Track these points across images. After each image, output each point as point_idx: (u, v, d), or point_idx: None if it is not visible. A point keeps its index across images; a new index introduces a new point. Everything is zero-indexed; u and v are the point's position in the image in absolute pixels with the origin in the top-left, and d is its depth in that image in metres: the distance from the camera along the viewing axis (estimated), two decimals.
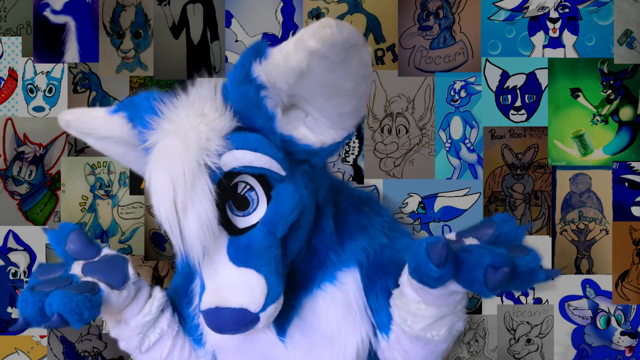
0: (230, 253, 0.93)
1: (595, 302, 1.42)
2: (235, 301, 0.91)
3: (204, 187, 0.90)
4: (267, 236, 0.93)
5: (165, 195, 0.89)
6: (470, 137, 1.42)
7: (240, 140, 0.92)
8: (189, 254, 0.92)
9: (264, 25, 1.41)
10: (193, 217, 0.89)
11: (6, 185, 1.43)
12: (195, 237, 0.90)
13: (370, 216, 1.06)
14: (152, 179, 0.91)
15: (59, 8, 1.43)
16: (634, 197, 1.42)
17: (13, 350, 1.43)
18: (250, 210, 0.93)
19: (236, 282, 0.93)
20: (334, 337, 1.03)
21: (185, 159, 0.89)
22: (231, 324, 0.92)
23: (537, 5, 1.42)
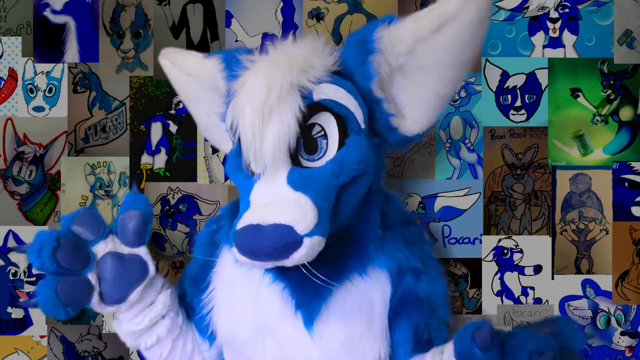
0: (290, 178, 0.94)
1: (595, 302, 1.42)
2: (283, 217, 0.90)
3: (294, 103, 0.93)
4: (330, 176, 0.95)
5: (257, 94, 0.92)
6: (470, 137, 1.42)
7: (337, 80, 0.98)
8: (258, 161, 0.93)
9: (264, 25, 1.41)
10: (276, 126, 0.92)
11: (6, 185, 1.43)
12: (272, 145, 0.92)
13: (415, 237, 1.09)
14: (248, 79, 0.95)
15: (59, 8, 1.43)
16: (634, 197, 1.42)
17: (13, 350, 1.43)
18: (315, 157, 0.96)
19: (290, 199, 0.92)
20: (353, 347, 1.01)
21: (286, 72, 0.94)
22: (270, 241, 0.88)
23: (537, 5, 1.42)
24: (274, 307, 1.01)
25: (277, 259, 0.90)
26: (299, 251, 0.89)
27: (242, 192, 0.99)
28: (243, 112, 0.93)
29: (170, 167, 1.43)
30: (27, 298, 1.43)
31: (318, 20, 1.42)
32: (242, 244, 0.90)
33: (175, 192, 1.43)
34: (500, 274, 1.42)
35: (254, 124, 0.92)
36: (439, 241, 1.42)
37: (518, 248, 1.42)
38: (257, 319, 1.03)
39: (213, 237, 1.13)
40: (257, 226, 0.89)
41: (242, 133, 0.94)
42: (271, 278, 1.01)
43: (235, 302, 1.06)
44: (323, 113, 0.95)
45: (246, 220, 0.91)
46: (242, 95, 0.95)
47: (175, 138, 1.43)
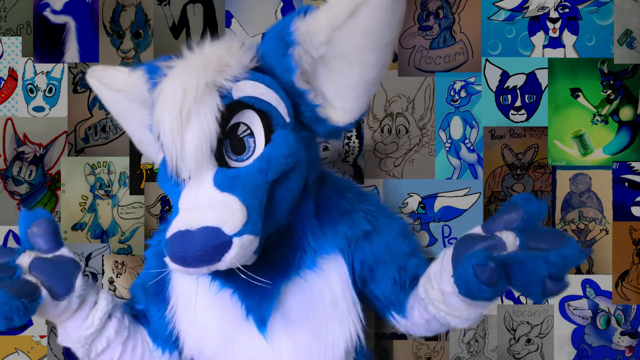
0: (216, 179, 0.92)
1: (595, 302, 1.42)
2: (210, 219, 0.87)
3: (212, 104, 0.91)
4: (258, 173, 0.93)
5: (173, 99, 0.90)
6: (470, 137, 1.42)
7: (256, 76, 0.96)
8: (181, 166, 0.91)
9: (264, 25, 1.41)
10: (195, 128, 0.90)
11: (6, 185, 1.43)
12: (193, 149, 0.90)
13: (353, 202, 1.06)
14: (164, 86, 0.93)
15: (59, 8, 1.43)
16: (634, 197, 1.42)
17: (13, 350, 1.43)
18: (244, 156, 0.94)
19: (216, 201, 0.90)
20: (321, 334, 1.00)
21: (201, 73, 0.92)
22: (198, 245, 0.86)
23: (537, 5, 1.42)
24: (229, 314, 1.00)
25: (208, 263, 0.87)
26: (229, 252, 0.87)
27: (172, 201, 0.97)
28: (162, 119, 0.91)
29: None
30: None
31: None
32: (172, 252, 0.88)
33: None
34: None
35: (172, 129, 0.89)
36: (439, 241, 1.42)
37: None
38: (220, 330, 1.01)
39: None
40: (186, 232, 0.87)
41: (163, 140, 0.92)
42: (218, 285, 0.99)
43: (197, 313, 1.03)
44: (245, 111, 0.94)
45: (174, 227, 0.88)
46: (160, 102, 0.92)
47: None
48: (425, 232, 1.41)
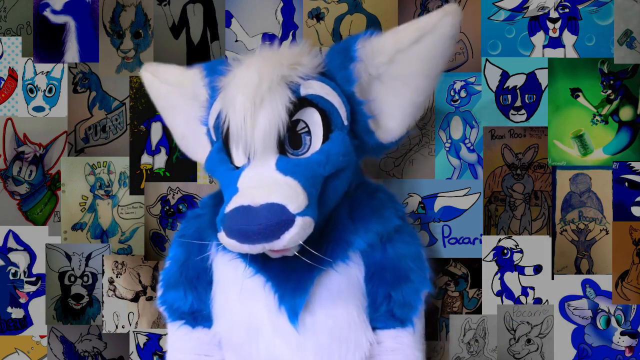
0: (279, 164, 0.97)
1: (595, 302, 1.42)
2: (275, 195, 0.91)
3: (283, 95, 0.98)
4: (317, 165, 0.98)
5: (249, 83, 0.96)
6: (470, 137, 1.42)
7: (322, 78, 1.04)
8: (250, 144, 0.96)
9: (264, 25, 1.41)
10: (268, 113, 0.96)
11: (6, 185, 1.43)
12: (262, 131, 0.95)
13: (384, 201, 1.12)
14: (239, 72, 0.99)
15: (59, 8, 1.43)
16: (634, 197, 1.42)
17: (13, 350, 1.43)
18: (299, 152, 1.00)
19: (280, 181, 0.94)
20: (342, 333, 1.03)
21: (276, 66, 0.99)
22: (263, 219, 0.89)
23: (537, 5, 1.42)
24: (260, 303, 1.02)
25: (268, 239, 0.89)
26: (290, 231, 0.90)
27: (227, 183, 1.00)
28: (234, 100, 0.96)
29: (170, 167, 1.43)
30: (27, 298, 1.43)
31: (318, 20, 1.42)
32: (231, 226, 0.90)
33: (175, 192, 1.43)
34: (500, 274, 1.42)
35: (245, 110, 0.95)
36: (439, 241, 1.42)
37: (518, 248, 1.42)
38: (248, 319, 1.03)
39: (202, 233, 1.13)
40: (248, 207, 0.89)
41: (232, 120, 0.97)
42: (252, 271, 1.02)
43: (229, 302, 1.07)
44: (308, 108, 0.99)
45: (236, 202, 0.91)
46: (234, 86, 0.98)
47: None
48: (425, 232, 1.42)
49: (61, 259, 1.43)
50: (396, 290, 1.08)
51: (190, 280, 1.13)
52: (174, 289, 1.14)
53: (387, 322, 1.09)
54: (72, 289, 1.43)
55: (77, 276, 1.43)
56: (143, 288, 1.42)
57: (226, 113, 0.99)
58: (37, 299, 1.43)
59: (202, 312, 1.13)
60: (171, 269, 1.16)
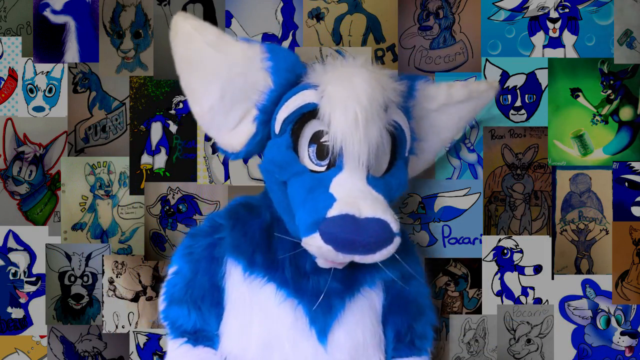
0: (369, 179, 0.98)
1: (595, 302, 1.42)
2: (382, 212, 0.93)
3: (384, 116, 1.01)
4: (392, 189, 1.02)
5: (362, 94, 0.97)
6: (470, 137, 1.42)
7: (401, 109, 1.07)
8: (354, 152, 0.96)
9: (264, 25, 1.41)
10: (377, 125, 0.98)
11: (6, 185, 1.43)
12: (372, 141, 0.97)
13: (408, 243, 1.17)
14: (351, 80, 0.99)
15: (59, 8, 1.43)
16: (634, 197, 1.42)
17: (13, 350, 1.43)
18: None
19: (379, 200, 0.96)
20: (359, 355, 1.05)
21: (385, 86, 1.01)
22: (374, 232, 0.90)
23: (537, 5, 1.42)
24: (284, 323, 1.03)
25: (370, 252, 0.91)
26: (388, 248, 0.92)
27: (309, 185, 0.98)
28: (346, 105, 0.95)
29: (170, 167, 1.43)
30: (27, 298, 1.43)
31: (318, 20, 1.42)
32: (337, 233, 0.90)
33: (175, 192, 1.43)
34: (500, 274, 1.42)
35: (357, 120, 0.95)
36: (439, 241, 1.42)
37: (518, 248, 1.42)
38: (266, 338, 1.03)
39: (213, 252, 1.11)
40: (354, 217, 0.90)
41: (340, 124, 0.96)
42: (284, 295, 1.03)
43: (246, 322, 1.06)
44: (385, 130, 1.02)
45: (340, 209, 0.90)
46: (343, 90, 0.97)
47: (175, 138, 1.43)
48: (425, 232, 1.42)
49: (61, 259, 1.43)
50: (417, 322, 1.14)
51: (194, 300, 1.11)
52: (178, 305, 1.13)
53: (409, 351, 1.15)
54: (72, 289, 1.43)
55: (77, 276, 1.43)
56: (143, 288, 1.42)
57: (329, 114, 0.97)
58: (37, 299, 1.43)
59: (204, 332, 1.11)
60: (176, 284, 1.14)
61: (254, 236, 1.07)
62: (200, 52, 1.07)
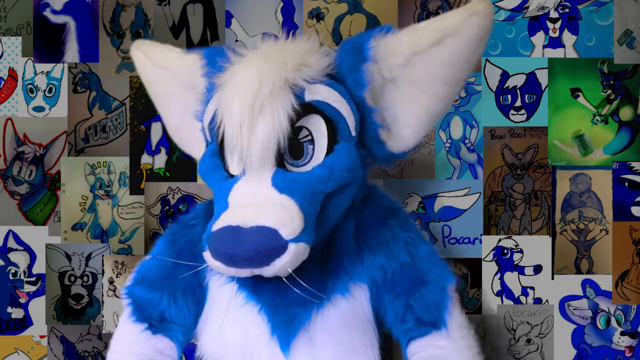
0: (275, 179, 0.87)
1: (595, 302, 1.42)
2: (268, 219, 0.82)
3: (286, 101, 0.87)
4: (318, 181, 0.89)
5: (248, 87, 0.86)
6: (470, 137, 1.42)
7: (331, 82, 0.93)
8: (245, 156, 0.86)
9: (264, 25, 1.41)
10: (267, 120, 0.85)
11: (6, 185, 1.43)
12: (260, 143, 0.85)
13: (394, 230, 1.01)
14: (238, 71, 0.89)
15: (59, 8, 1.43)
16: (634, 197, 1.42)
17: (13, 350, 1.43)
18: (300, 162, 0.90)
19: (275, 202, 0.85)
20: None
21: (280, 67, 0.88)
22: (251, 244, 0.81)
23: (537, 5, 1.42)
24: (253, 328, 0.95)
25: (256, 266, 0.82)
26: (282, 258, 0.82)
27: (218, 194, 0.92)
28: (230, 104, 0.86)
29: (170, 167, 1.43)
30: (27, 298, 1.43)
31: (318, 20, 1.42)
32: (217, 248, 0.83)
33: (175, 192, 1.43)
34: (500, 274, 1.42)
35: (242, 117, 0.85)
36: (439, 241, 1.42)
37: (518, 248, 1.42)
38: (241, 343, 0.97)
39: (195, 246, 1.02)
40: (237, 228, 0.82)
41: (227, 127, 0.88)
42: (245, 297, 0.95)
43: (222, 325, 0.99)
44: (313, 115, 0.90)
45: (224, 221, 0.83)
46: (231, 88, 0.88)
47: None
48: (425, 232, 1.41)
49: (61, 259, 1.43)
50: (413, 297, 0.99)
51: (172, 291, 1.03)
52: (148, 289, 1.04)
53: (420, 330, 0.99)
54: (72, 289, 1.43)
55: (77, 276, 1.43)
56: None
57: (221, 117, 0.89)
58: (37, 299, 1.43)
59: (170, 324, 1.04)
60: (152, 267, 1.06)
61: None
62: (153, 75, 1.08)
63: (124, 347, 1.04)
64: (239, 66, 0.90)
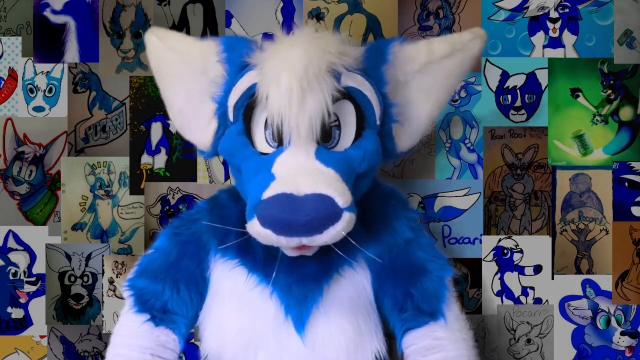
0: (318, 154, 0.91)
1: (595, 302, 1.42)
2: (323, 186, 0.85)
3: (330, 82, 0.92)
4: (354, 161, 0.94)
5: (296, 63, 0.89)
6: (470, 137, 1.42)
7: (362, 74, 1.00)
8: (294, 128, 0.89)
9: (264, 25, 1.41)
10: (316, 96, 0.90)
11: (6, 185, 1.43)
12: (309, 115, 0.89)
13: (396, 208, 1.08)
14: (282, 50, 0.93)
15: (59, 8, 1.43)
16: (634, 197, 1.42)
17: (13, 350, 1.43)
18: (327, 145, 0.95)
19: (324, 174, 0.88)
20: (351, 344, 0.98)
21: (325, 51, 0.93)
22: (311, 211, 0.83)
23: (537, 5, 1.42)
24: (265, 314, 0.97)
25: (312, 233, 0.84)
26: (336, 225, 0.85)
27: (256, 168, 0.94)
28: (278, 78, 0.89)
29: (170, 167, 1.43)
30: (27, 298, 1.43)
31: (318, 20, 1.42)
32: (272, 214, 0.84)
33: (175, 192, 1.43)
34: (500, 274, 1.42)
35: (291, 90, 0.88)
36: (439, 241, 1.42)
37: (518, 248, 1.42)
38: (246, 333, 0.98)
39: (201, 238, 1.06)
40: (291, 195, 0.83)
41: (274, 99, 0.90)
42: (256, 280, 0.98)
43: (223, 317, 1.01)
44: (345, 101, 0.95)
45: (276, 189, 0.84)
46: (277, 64, 0.91)
47: (175, 138, 1.43)
48: (425, 232, 1.41)
49: (61, 259, 1.43)
50: (414, 285, 1.02)
51: (175, 281, 1.04)
52: (151, 280, 1.05)
53: (417, 320, 1.02)
54: (72, 289, 1.43)
55: (77, 276, 1.43)
56: None
57: (266, 91, 0.91)
58: (37, 299, 1.43)
59: (173, 315, 1.05)
60: (155, 259, 1.07)
61: (229, 219, 1.02)
62: (164, 58, 1.09)
63: (126, 341, 1.05)
64: (281, 47, 0.95)
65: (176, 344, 1.05)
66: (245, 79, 0.99)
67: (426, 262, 1.04)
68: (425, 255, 1.04)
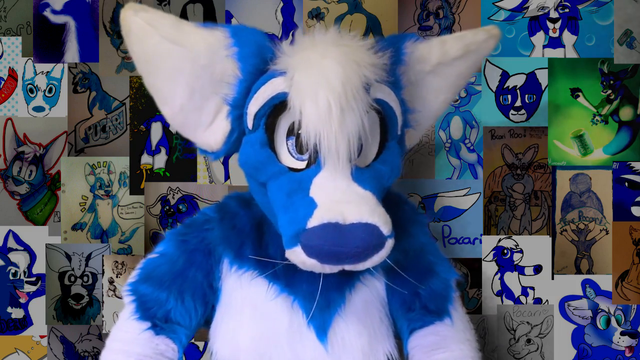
0: (355, 175, 0.88)
1: (595, 302, 1.42)
2: (369, 215, 0.82)
3: (365, 97, 0.89)
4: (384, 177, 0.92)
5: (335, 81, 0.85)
6: (470, 137, 1.42)
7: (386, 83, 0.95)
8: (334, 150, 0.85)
9: (264, 25, 1.41)
10: (356, 114, 0.86)
11: (6, 185, 1.43)
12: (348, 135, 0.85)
13: (409, 213, 1.06)
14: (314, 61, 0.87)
15: (59, 8, 1.43)
16: (634, 197, 1.42)
17: (13, 350, 1.43)
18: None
19: (365, 199, 0.85)
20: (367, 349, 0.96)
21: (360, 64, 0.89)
22: (360, 241, 0.81)
23: (537, 5, 1.42)
24: (281, 323, 0.96)
25: (358, 261, 0.83)
26: (380, 253, 0.84)
27: (289, 189, 0.89)
28: (316, 95, 0.84)
29: (170, 167, 1.43)
30: (27, 298, 1.43)
31: (318, 20, 1.42)
32: (320, 245, 0.82)
33: (175, 192, 1.43)
34: (500, 274, 1.42)
35: (330, 110, 0.84)
36: (439, 241, 1.42)
37: (518, 248, 1.42)
38: (261, 341, 0.96)
39: (209, 246, 1.02)
40: (337, 225, 0.81)
41: (312, 118, 0.85)
42: (277, 290, 0.95)
43: (237, 327, 0.99)
44: (370, 112, 0.91)
45: (322, 218, 0.82)
46: (313, 77, 0.86)
47: (175, 138, 1.43)
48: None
49: (61, 259, 1.43)
50: (423, 285, 1.01)
51: (181, 291, 1.01)
52: (155, 287, 1.02)
53: (424, 319, 1.02)
54: (72, 289, 1.43)
55: (77, 276, 1.43)
56: None
57: (299, 106, 0.86)
58: (37, 299, 1.43)
59: (175, 325, 1.02)
60: (160, 265, 1.04)
61: (243, 229, 0.99)
62: (158, 48, 0.94)
63: (124, 347, 1.02)
64: (311, 55, 0.88)
65: (175, 353, 1.03)
66: (269, 87, 0.91)
67: (434, 264, 1.04)
68: (434, 259, 1.05)
